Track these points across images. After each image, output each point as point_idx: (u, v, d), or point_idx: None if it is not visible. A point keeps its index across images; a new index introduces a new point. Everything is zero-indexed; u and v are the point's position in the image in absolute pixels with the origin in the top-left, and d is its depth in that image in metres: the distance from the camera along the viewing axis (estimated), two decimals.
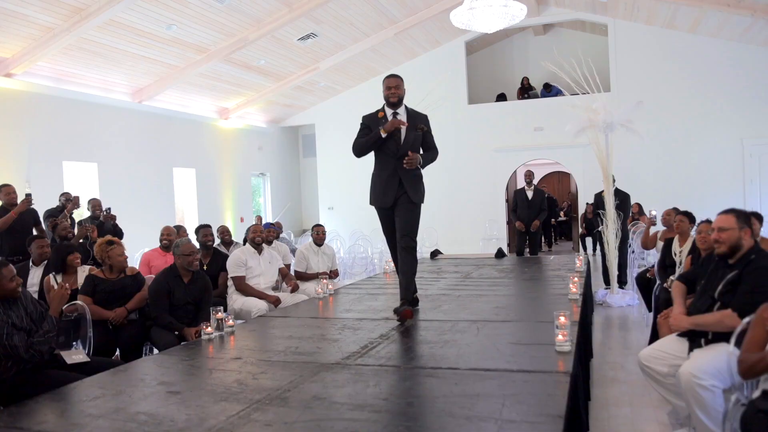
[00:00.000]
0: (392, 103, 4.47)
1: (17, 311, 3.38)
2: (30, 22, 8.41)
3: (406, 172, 4.42)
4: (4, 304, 3.34)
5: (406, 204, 4.46)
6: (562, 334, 3.33)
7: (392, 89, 4.45)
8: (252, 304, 5.43)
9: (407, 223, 4.47)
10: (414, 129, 4.46)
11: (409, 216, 4.48)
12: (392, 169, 4.45)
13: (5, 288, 3.34)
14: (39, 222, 6.94)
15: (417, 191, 4.51)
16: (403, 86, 4.51)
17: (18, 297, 3.43)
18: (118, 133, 11.33)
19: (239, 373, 3.14)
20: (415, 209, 4.51)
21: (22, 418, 2.63)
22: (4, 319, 3.27)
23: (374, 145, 4.48)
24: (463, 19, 8.25)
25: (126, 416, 2.58)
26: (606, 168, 8.11)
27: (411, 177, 4.47)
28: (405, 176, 4.44)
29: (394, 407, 2.55)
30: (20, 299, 3.45)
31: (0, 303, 3.33)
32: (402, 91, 4.47)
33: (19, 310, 3.41)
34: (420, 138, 4.51)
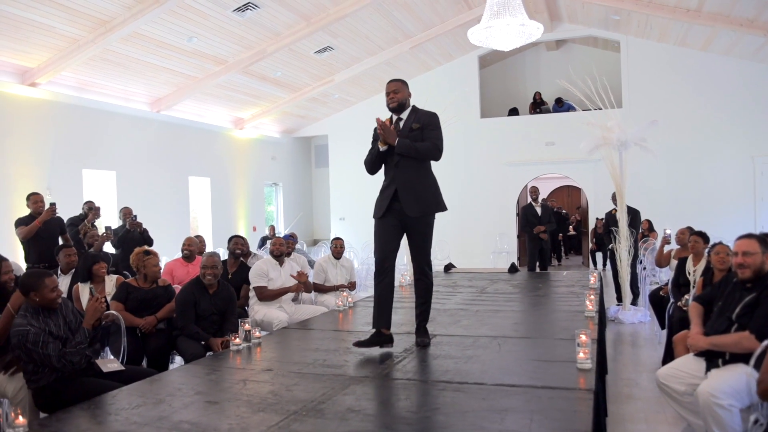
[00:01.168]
0: (392, 108, 4.06)
1: (55, 320, 3.52)
2: (56, 33, 8.61)
3: (402, 181, 3.94)
4: (44, 313, 3.48)
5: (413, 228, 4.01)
6: (583, 352, 3.43)
7: (390, 94, 4.05)
8: (273, 316, 5.56)
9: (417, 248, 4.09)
10: (409, 130, 3.99)
11: (418, 240, 4.06)
12: (391, 178, 4.02)
13: (46, 298, 3.48)
14: (65, 230, 7.09)
15: (417, 203, 3.94)
16: (406, 90, 4.08)
17: (57, 307, 3.56)
18: (136, 142, 11.52)
19: (272, 384, 3.26)
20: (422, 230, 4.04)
21: (69, 425, 2.75)
22: (42, 327, 3.41)
23: (378, 160, 4.05)
24: (481, 36, 8.40)
25: (170, 424, 2.70)
26: (620, 185, 8.22)
27: (410, 186, 3.95)
28: (402, 186, 3.94)
29: (427, 421, 2.66)
30: (60, 308, 3.59)
31: (40, 311, 3.47)
32: (403, 95, 4.03)
33: (58, 318, 3.54)
34: (418, 137, 3.97)
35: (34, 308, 3.46)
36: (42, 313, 3.48)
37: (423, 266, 4.12)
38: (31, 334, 3.33)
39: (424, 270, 4.12)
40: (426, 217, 4.03)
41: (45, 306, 3.50)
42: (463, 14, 12.52)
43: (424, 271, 4.11)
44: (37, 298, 3.46)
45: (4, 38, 8.30)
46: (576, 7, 12.89)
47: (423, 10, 11.87)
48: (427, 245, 4.13)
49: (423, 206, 3.97)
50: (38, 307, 3.47)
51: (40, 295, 3.46)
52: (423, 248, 4.10)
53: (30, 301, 3.47)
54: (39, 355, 3.38)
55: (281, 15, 10.20)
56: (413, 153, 3.92)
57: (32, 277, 3.54)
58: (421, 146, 3.92)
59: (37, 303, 3.47)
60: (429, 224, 4.09)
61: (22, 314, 3.43)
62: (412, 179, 3.96)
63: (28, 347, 3.33)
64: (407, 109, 4.07)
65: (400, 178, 3.95)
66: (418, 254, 4.12)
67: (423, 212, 3.97)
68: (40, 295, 3.46)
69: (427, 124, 3.99)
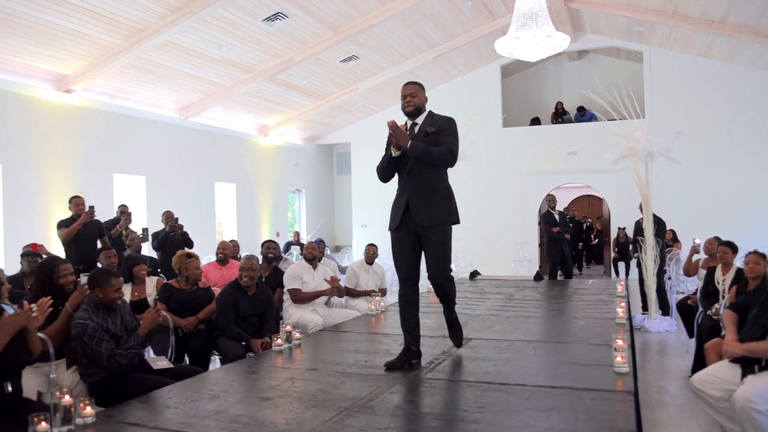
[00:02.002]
0: (408, 113, 3.85)
1: (113, 318, 3.67)
2: (92, 41, 8.84)
3: (413, 188, 3.75)
4: (103, 310, 3.64)
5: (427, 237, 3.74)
6: (620, 356, 3.52)
7: (407, 98, 3.83)
8: (308, 319, 5.68)
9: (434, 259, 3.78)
10: (424, 135, 3.78)
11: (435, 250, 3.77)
12: (403, 186, 3.82)
13: (109, 296, 3.64)
14: (104, 233, 7.28)
15: (428, 211, 3.72)
16: (423, 94, 3.88)
17: (117, 307, 3.72)
18: (165, 148, 11.74)
19: (320, 383, 3.38)
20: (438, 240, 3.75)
21: (131, 416, 2.89)
22: (100, 323, 3.56)
23: (391, 167, 3.84)
24: (507, 47, 8.51)
25: (228, 418, 2.83)
26: (646, 195, 8.27)
27: (422, 194, 3.73)
28: (412, 193, 3.74)
29: (475, 418, 2.77)
30: (119, 308, 3.74)
31: (100, 308, 3.63)
32: (420, 99, 3.83)
33: (116, 318, 3.70)
34: (433, 141, 3.76)
35: (96, 304, 3.62)
36: (102, 309, 3.63)
37: (442, 281, 3.83)
38: (89, 329, 3.49)
39: (443, 285, 3.85)
40: (441, 227, 3.76)
41: (106, 304, 3.66)
42: (487, 25, 12.64)
43: (443, 287, 3.86)
44: (100, 294, 3.62)
45: (42, 46, 8.53)
46: (599, 18, 12.96)
47: (447, 20, 12.01)
48: (446, 257, 3.80)
49: (435, 216, 3.72)
50: (100, 304, 3.63)
51: (104, 293, 3.62)
52: (441, 260, 3.78)
53: (93, 297, 3.63)
54: (92, 350, 3.52)
55: (309, 25, 10.38)
56: (426, 157, 3.69)
57: (102, 274, 3.71)
58: (435, 150, 3.70)
59: (99, 299, 3.62)
60: (446, 234, 3.79)
61: (84, 308, 3.59)
62: (424, 187, 3.74)
63: (84, 341, 3.48)
64: (423, 114, 3.87)
65: (412, 185, 3.76)
66: (436, 268, 3.78)
67: (434, 222, 3.72)
68: (104, 292, 3.62)
69: (443, 129, 3.78)
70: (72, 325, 3.55)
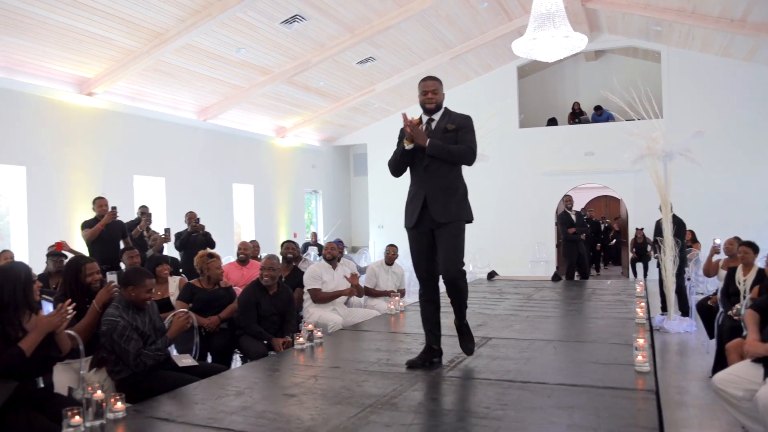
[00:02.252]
0: (429, 109, 3.82)
1: (142, 317, 3.75)
2: (114, 45, 8.97)
3: (431, 185, 3.70)
4: (133, 309, 3.71)
5: (441, 229, 3.69)
6: (642, 355, 3.54)
7: (428, 94, 3.79)
8: (328, 318, 5.73)
9: (447, 252, 3.68)
10: (442, 132, 3.75)
11: (449, 242, 3.68)
12: (419, 183, 3.78)
13: (140, 296, 3.72)
14: (126, 234, 7.39)
15: (446, 208, 3.68)
16: (442, 90, 3.87)
17: (146, 307, 3.80)
18: (184, 150, 11.87)
19: (343, 381, 3.43)
20: (453, 232, 3.68)
21: (160, 412, 2.95)
22: (130, 322, 3.63)
23: (404, 160, 3.79)
24: (525, 48, 8.52)
25: (255, 414, 2.88)
26: (664, 196, 8.24)
27: (439, 190, 3.70)
28: (430, 191, 3.70)
29: (498, 414, 2.80)
30: (148, 308, 3.82)
31: (130, 307, 3.70)
32: (440, 96, 3.82)
33: (145, 317, 3.78)
34: (452, 139, 3.73)
35: (126, 303, 3.70)
36: (132, 308, 3.71)
37: (454, 275, 3.69)
38: (120, 326, 3.56)
39: (456, 276, 3.70)
40: (457, 222, 3.72)
41: (137, 303, 3.74)
42: (504, 25, 12.65)
43: (456, 277, 3.70)
44: (133, 293, 3.70)
45: (65, 50, 8.67)
46: (616, 18, 12.92)
47: (464, 21, 12.03)
48: (459, 250, 3.71)
49: (453, 212, 3.69)
50: (130, 303, 3.70)
51: (136, 292, 3.70)
52: (454, 252, 3.68)
53: (125, 295, 3.71)
54: (120, 348, 3.59)
55: (327, 27, 10.45)
56: (446, 155, 3.67)
57: (137, 273, 3.80)
58: (455, 149, 3.68)
59: (131, 298, 3.70)
60: (461, 229, 3.75)
61: (115, 305, 3.67)
62: (442, 184, 3.71)
63: (113, 338, 3.55)
64: (440, 111, 3.84)
65: (429, 182, 3.71)
66: (449, 260, 3.68)
67: (452, 218, 3.68)
68: (137, 291, 3.70)
69: (462, 127, 3.77)
70: (102, 321, 3.63)
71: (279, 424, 2.72)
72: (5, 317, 3.08)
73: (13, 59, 8.48)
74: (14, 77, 8.66)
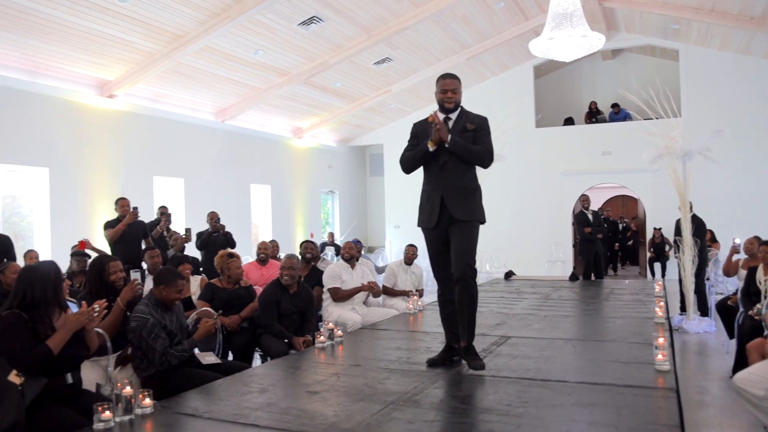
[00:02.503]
0: (448, 109, 3.76)
1: (170, 317, 3.83)
2: (134, 48, 9.09)
3: (447, 185, 3.69)
4: (162, 307, 3.79)
5: (456, 226, 3.67)
6: (662, 354, 3.55)
7: (448, 93, 3.73)
8: (347, 317, 5.78)
9: (460, 247, 3.64)
10: (460, 131, 3.72)
11: (462, 238, 3.65)
12: (435, 182, 3.74)
13: (170, 296, 3.82)
14: (148, 234, 7.50)
15: (464, 207, 3.67)
16: (461, 87, 3.83)
17: (174, 306, 3.89)
18: (203, 151, 11.99)
19: (365, 378, 3.47)
20: (467, 229, 3.67)
21: (187, 408, 3.02)
22: (159, 320, 3.71)
23: (422, 160, 3.76)
24: (542, 48, 8.52)
25: (279, 410, 2.94)
26: (683, 195, 8.19)
27: (456, 190, 3.69)
28: (448, 190, 3.69)
29: (519, 412, 2.83)
30: (175, 307, 3.91)
31: (159, 305, 3.78)
32: (459, 96, 3.78)
33: (173, 316, 3.86)
34: (469, 139, 3.72)
35: (156, 301, 3.78)
36: (161, 307, 3.79)
37: (465, 270, 3.60)
38: (149, 324, 3.64)
39: (467, 272, 3.60)
40: (474, 222, 3.72)
41: (166, 302, 3.83)
42: (520, 25, 12.64)
43: (467, 274, 3.60)
44: (164, 292, 3.78)
45: (87, 53, 8.81)
46: (634, 17, 12.85)
47: (480, 21, 12.04)
48: (472, 248, 3.69)
49: (470, 211, 3.69)
50: (159, 301, 3.79)
51: (167, 291, 3.79)
52: (468, 247, 3.65)
53: (156, 293, 3.80)
54: (147, 345, 3.67)
55: (344, 28, 10.51)
56: (466, 154, 3.67)
57: (170, 273, 3.89)
58: (475, 148, 3.69)
59: (162, 297, 3.79)
60: (476, 227, 3.74)
61: (145, 302, 3.75)
62: (459, 184, 3.71)
63: (142, 334, 3.63)
64: (457, 110, 3.79)
65: (446, 181, 3.70)
66: (462, 254, 3.62)
67: (470, 217, 3.68)
68: (167, 291, 3.79)
69: (481, 128, 3.76)
70: (132, 317, 3.72)
71: (303, 420, 2.77)
72: (36, 315, 3.16)
73: (37, 63, 8.63)
74: (38, 80, 8.81)
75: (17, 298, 3.16)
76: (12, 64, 8.44)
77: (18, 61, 8.45)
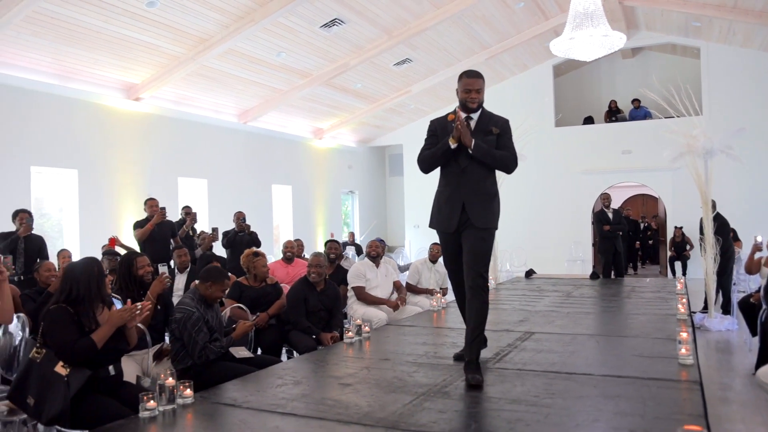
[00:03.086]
0: (472, 109, 3.61)
1: (211, 313, 3.99)
2: (161, 52, 9.29)
3: (469, 190, 3.57)
4: (205, 304, 3.94)
5: (471, 230, 3.56)
6: (685, 348, 3.62)
7: (472, 93, 3.57)
8: (373, 315, 5.89)
9: (474, 254, 3.53)
10: (483, 134, 3.58)
11: (476, 245, 3.54)
12: (455, 185, 3.61)
13: (214, 294, 4.01)
14: (176, 233, 7.68)
15: (484, 214, 3.56)
16: (484, 88, 3.66)
17: (215, 304, 4.07)
18: (225, 152, 12.19)
19: (394, 371, 3.59)
20: (483, 236, 3.56)
21: (226, 398, 3.15)
22: (203, 315, 3.86)
23: (443, 158, 3.62)
24: (563, 48, 8.57)
25: (314, 401, 3.06)
26: (705, 193, 8.20)
27: (477, 195, 3.58)
28: (470, 196, 3.57)
29: (546, 402, 2.92)
30: (215, 306, 4.07)
31: (202, 302, 3.94)
32: (483, 96, 3.62)
33: (213, 312, 4.01)
34: (492, 142, 3.59)
35: (199, 296, 3.94)
36: (204, 303, 3.94)
37: (477, 278, 3.51)
38: (194, 317, 3.81)
39: (478, 282, 3.51)
40: (491, 229, 3.63)
41: (209, 299, 4.01)
42: (540, 25, 12.67)
43: (478, 284, 3.50)
44: (210, 289, 3.95)
45: (115, 57, 9.01)
46: (654, 15, 12.83)
47: (500, 21, 12.10)
48: (486, 252, 3.61)
49: (490, 218, 3.59)
50: (203, 297, 3.94)
51: (213, 288, 3.96)
52: (481, 254, 3.56)
53: (202, 289, 3.97)
54: (189, 337, 3.82)
55: (365, 29, 10.63)
56: (490, 160, 3.55)
57: (218, 272, 4.08)
58: (499, 154, 3.57)
59: (207, 294, 3.96)
60: (492, 235, 3.66)
61: (190, 296, 3.92)
62: (480, 189, 3.59)
63: (187, 326, 3.78)
64: (479, 111, 3.65)
65: (468, 186, 3.58)
66: (475, 261, 3.53)
67: (490, 225, 3.59)
68: (213, 288, 3.96)
69: (505, 132, 3.63)
70: (177, 309, 3.88)
71: (339, 410, 2.89)
72: (81, 310, 3.31)
73: (67, 67, 8.85)
74: (67, 84, 9.03)
75: (63, 293, 3.32)
76: (44, 69, 8.66)
77: (50, 66, 8.68)
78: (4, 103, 8.27)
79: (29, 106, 8.58)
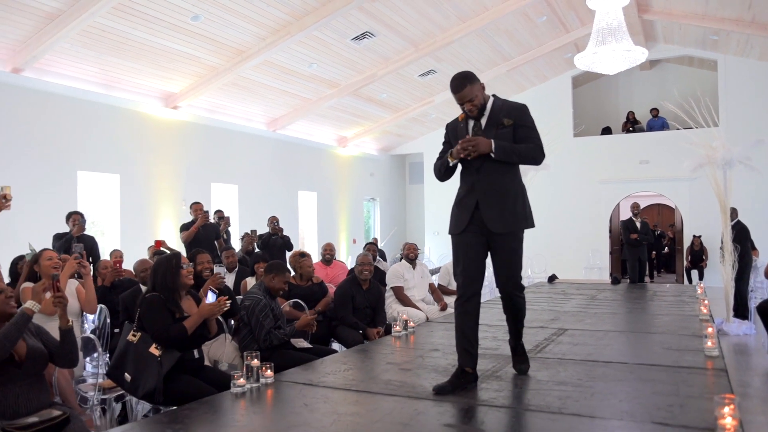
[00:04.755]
0: (475, 117, 3.42)
1: (274, 304, 4.38)
2: (200, 62, 9.74)
3: (484, 189, 3.32)
4: (270, 295, 4.35)
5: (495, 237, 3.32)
6: (711, 341, 3.97)
7: (466, 104, 3.37)
8: (412, 313, 6.25)
9: (503, 263, 3.38)
10: (495, 127, 3.35)
11: (503, 255, 3.36)
12: (470, 184, 3.39)
13: (278, 286, 4.43)
14: (219, 235, 8.08)
15: (502, 215, 3.29)
16: (478, 88, 3.37)
17: (277, 296, 4.45)
18: (255, 159, 12.63)
19: (446, 360, 3.95)
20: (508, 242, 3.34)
21: (296, 380, 3.53)
22: (269, 303, 4.26)
23: (449, 171, 3.51)
24: (587, 62, 8.94)
25: (381, 382, 3.43)
26: (724, 204, 8.51)
27: (494, 194, 3.32)
28: (484, 195, 3.32)
29: (589, 384, 3.28)
30: (276, 299, 4.47)
31: (267, 293, 4.35)
32: (480, 98, 3.36)
33: (275, 303, 4.40)
34: (508, 135, 3.34)
35: (265, 288, 4.33)
36: (268, 294, 4.34)
37: (511, 291, 3.41)
38: (262, 303, 4.21)
39: (513, 296, 3.44)
40: (516, 233, 3.37)
41: (273, 290, 4.43)
42: (561, 38, 13.05)
43: (513, 300, 3.45)
44: (274, 280, 4.35)
45: (156, 68, 9.47)
46: (673, 28, 13.17)
47: (522, 34, 12.48)
48: (517, 264, 3.41)
49: (510, 220, 3.31)
50: (267, 288, 4.34)
51: (276, 280, 4.35)
52: (511, 267, 3.39)
53: (266, 281, 4.38)
54: (257, 322, 4.21)
55: (393, 42, 11.05)
56: (515, 158, 3.33)
57: (280, 265, 4.51)
58: (523, 149, 3.32)
59: (271, 285, 4.36)
60: (519, 239, 3.39)
61: (257, 287, 4.33)
62: (497, 187, 3.33)
63: (255, 311, 4.19)
64: (488, 104, 3.43)
65: (483, 185, 3.33)
66: (506, 275, 3.39)
67: (510, 228, 3.31)
68: (276, 279, 4.36)
69: (522, 123, 3.38)
70: (246, 297, 4.28)
71: (407, 389, 3.26)
72: (167, 297, 3.71)
73: (112, 77, 9.31)
74: (111, 93, 9.49)
75: (152, 283, 3.73)
76: (90, 78, 9.13)
77: (96, 76, 9.14)
78: (55, 110, 8.74)
79: (77, 113, 9.04)
